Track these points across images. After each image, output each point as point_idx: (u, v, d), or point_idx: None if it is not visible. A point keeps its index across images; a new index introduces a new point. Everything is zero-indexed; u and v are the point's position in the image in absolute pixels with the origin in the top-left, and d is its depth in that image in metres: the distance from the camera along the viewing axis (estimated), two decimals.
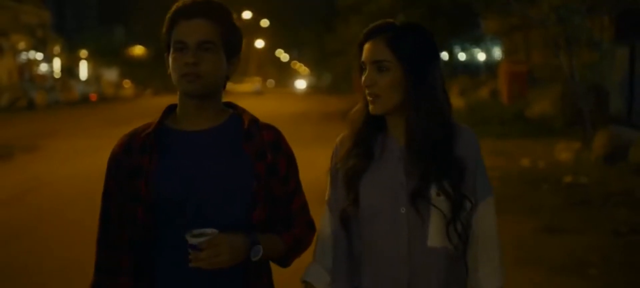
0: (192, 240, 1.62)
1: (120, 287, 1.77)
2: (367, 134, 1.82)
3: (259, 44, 73.96)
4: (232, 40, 1.78)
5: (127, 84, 50.26)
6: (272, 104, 32.03)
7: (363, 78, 1.77)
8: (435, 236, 1.74)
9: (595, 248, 5.69)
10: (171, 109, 1.85)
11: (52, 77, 44.66)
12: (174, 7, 1.77)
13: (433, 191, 1.72)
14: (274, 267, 1.90)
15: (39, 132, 17.87)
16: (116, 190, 1.78)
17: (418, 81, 1.73)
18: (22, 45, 43.08)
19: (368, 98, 1.78)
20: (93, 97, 43.00)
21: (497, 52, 30.60)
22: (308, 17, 51.77)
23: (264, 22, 69.54)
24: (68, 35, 50.55)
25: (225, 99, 1.88)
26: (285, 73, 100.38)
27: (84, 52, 50.15)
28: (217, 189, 1.73)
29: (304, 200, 1.91)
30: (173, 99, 1.86)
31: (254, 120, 1.83)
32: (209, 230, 1.65)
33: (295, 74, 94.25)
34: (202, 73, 1.70)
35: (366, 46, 1.78)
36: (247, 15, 56.13)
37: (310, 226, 1.92)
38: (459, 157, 1.75)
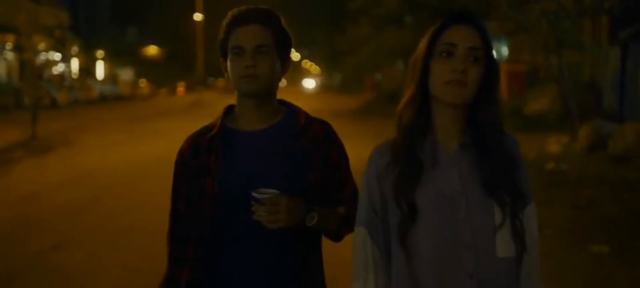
0: (256, 195, 1.78)
1: (185, 276, 1.90)
2: (414, 137, 1.62)
3: None
4: (283, 42, 1.91)
5: (143, 83, 51.42)
6: None
7: (451, 61, 1.57)
8: (503, 244, 1.58)
9: (555, 216, 6.87)
10: (229, 109, 1.98)
11: (70, 76, 45.84)
12: (229, 16, 1.90)
13: (496, 196, 1.58)
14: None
15: (71, 127, 18.86)
16: (184, 189, 1.92)
17: (496, 74, 1.62)
18: (42, 46, 44.06)
19: (446, 86, 1.57)
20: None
21: (503, 51, 31.33)
22: (318, 16, 52.13)
23: None
24: (82, 36, 51.51)
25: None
26: (296, 72, 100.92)
27: (100, 53, 51.22)
28: (276, 184, 1.82)
29: (355, 187, 1.96)
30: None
31: (307, 116, 1.95)
32: (272, 190, 1.79)
33: (306, 73, 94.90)
34: (260, 74, 1.84)
35: (461, 30, 1.60)
36: None
37: None
38: (512, 160, 1.63)
